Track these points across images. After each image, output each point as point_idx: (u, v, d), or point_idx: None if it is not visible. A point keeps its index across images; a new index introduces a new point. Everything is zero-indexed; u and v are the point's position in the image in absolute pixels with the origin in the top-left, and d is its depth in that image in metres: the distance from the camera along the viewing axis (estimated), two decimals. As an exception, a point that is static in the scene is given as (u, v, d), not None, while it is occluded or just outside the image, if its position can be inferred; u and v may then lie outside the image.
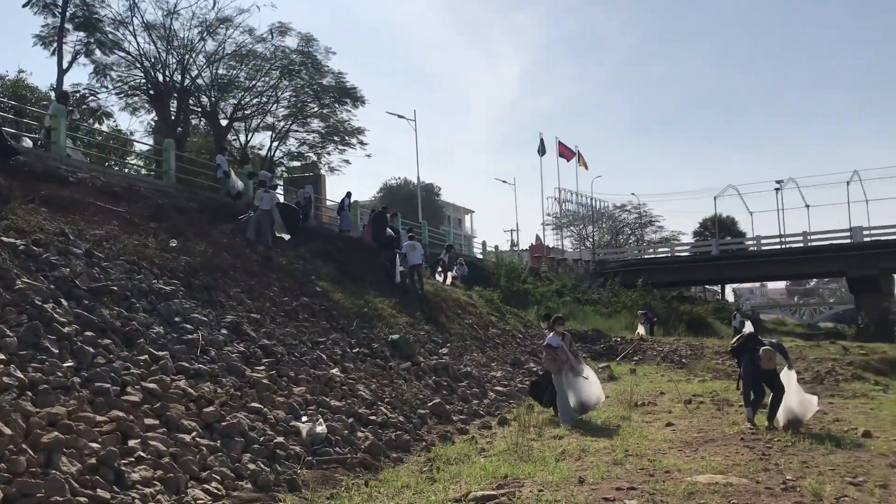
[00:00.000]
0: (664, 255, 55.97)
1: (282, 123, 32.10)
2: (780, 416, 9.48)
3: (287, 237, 15.80)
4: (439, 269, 23.18)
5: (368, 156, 71.77)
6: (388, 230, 20.34)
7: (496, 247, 44.03)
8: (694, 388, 14.30)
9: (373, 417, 9.21)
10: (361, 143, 33.56)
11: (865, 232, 45.43)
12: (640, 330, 26.85)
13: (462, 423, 10.48)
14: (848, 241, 45.28)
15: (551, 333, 10.67)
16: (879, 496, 6.04)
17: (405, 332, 13.98)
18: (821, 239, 47.23)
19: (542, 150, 54.77)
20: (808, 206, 52.93)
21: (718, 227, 61.50)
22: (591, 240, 64.29)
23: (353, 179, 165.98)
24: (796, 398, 9.46)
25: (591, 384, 10.43)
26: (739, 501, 5.92)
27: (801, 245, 47.59)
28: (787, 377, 9.59)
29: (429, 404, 10.72)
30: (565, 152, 57.09)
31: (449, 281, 22.24)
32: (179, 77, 26.02)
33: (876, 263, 42.87)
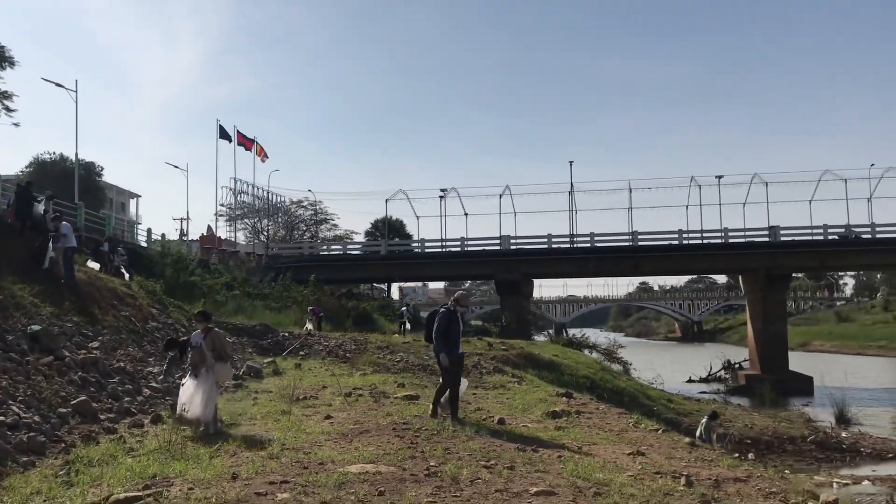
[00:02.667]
0: (337, 253, 57.43)
1: None
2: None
3: None
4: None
5: (16, 124, 63.50)
6: (39, 209, 18.15)
7: (163, 235, 41.61)
8: (355, 381, 14.82)
9: (1, 418, 8.15)
10: (8, 109, 29.77)
11: (513, 240, 50.87)
12: (309, 325, 27.19)
13: (110, 423, 9.72)
14: (497, 247, 50.35)
15: (196, 329, 9.89)
16: (507, 476, 6.78)
17: (48, 324, 12.60)
18: (475, 245, 51.93)
19: (223, 135, 53.07)
20: (466, 214, 57.73)
21: (388, 229, 64.60)
22: (265, 234, 63.67)
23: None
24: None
25: (202, 394, 8.97)
26: (386, 489, 6.25)
27: (459, 249, 51.89)
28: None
29: (72, 402, 9.77)
30: (244, 141, 55.92)
31: (101, 270, 20.44)
32: None
33: (518, 269, 48.26)
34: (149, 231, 40.21)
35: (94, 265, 20.13)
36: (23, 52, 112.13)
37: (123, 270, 22.12)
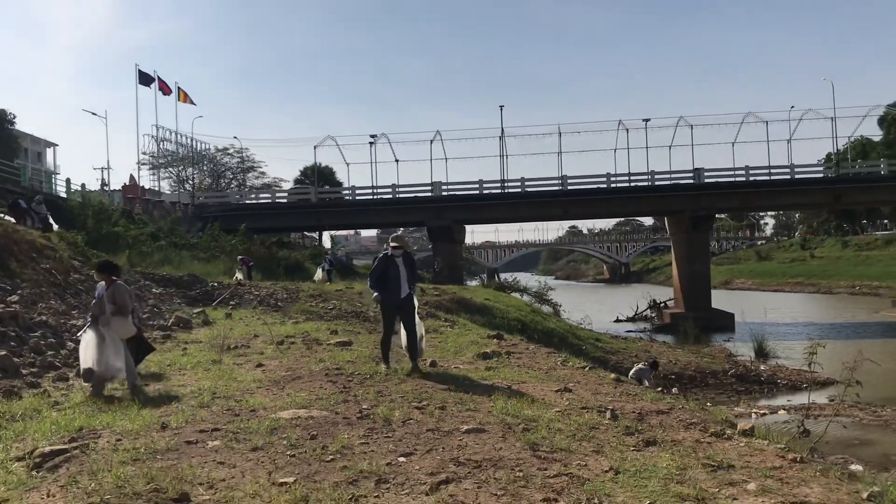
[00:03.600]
0: (266, 201, 56.54)
1: None
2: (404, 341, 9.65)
3: None
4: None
5: (-83, 69, 59.83)
6: None
7: (83, 185, 40.15)
8: (287, 329, 14.76)
9: (-85, 376, 7.86)
10: None
11: (444, 187, 50.87)
12: (239, 275, 26.82)
13: (33, 377, 9.45)
14: (429, 194, 50.31)
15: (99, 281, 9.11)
16: (438, 416, 6.91)
17: (-37, 278, 12.11)
18: (407, 192, 51.77)
19: (144, 81, 51.09)
20: (397, 160, 57.51)
21: (318, 176, 63.79)
22: (190, 182, 62.08)
23: None
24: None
25: (107, 347, 8.36)
26: (318, 432, 6.30)
27: (391, 196, 51.68)
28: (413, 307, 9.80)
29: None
30: (164, 87, 53.96)
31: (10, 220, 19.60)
32: None
33: (450, 215, 48.45)
34: (68, 181, 38.72)
35: (9, 218, 19.32)
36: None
37: (52, 221, 21.28)
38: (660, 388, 11.99)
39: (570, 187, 49.95)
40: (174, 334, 14.07)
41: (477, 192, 50.81)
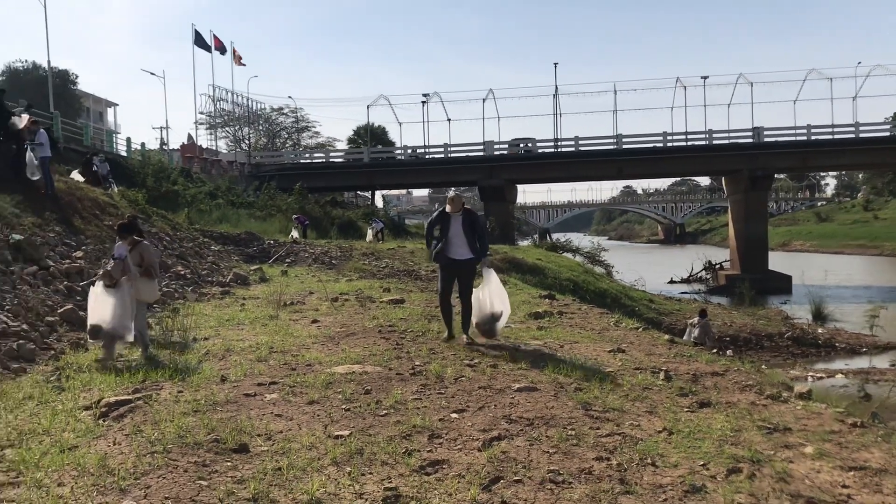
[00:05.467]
0: (320, 161, 56.97)
1: None
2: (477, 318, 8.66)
3: None
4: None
5: (-16, 31, 61.44)
6: (18, 121, 17.71)
7: (143, 144, 40.97)
8: (341, 286, 14.95)
9: (-11, 327, 8.21)
10: (-26, 14, 28.62)
11: (496, 146, 50.52)
12: (294, 233, 27.24)
13: (98, 330, 9.79)
14: (481, 153, 50.02)
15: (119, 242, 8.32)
16: (490, 374, 6.95)
17: (31, 234, 12.52)
18: (459, 151, 51.59)
19: (200, 43, 51.60)
20: (449, 119, 57.43)
21: (370, 136, 63.92)
22: (247, 142, 62.85)
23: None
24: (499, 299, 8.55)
25: (118, 306, 7.78)
26: (372, 387, 6.41)
27: (443, 156, 51.57)
28: (488, 278, 8.68)
29: (59, 311, 9.82)
30: (220, 47, 54.44)
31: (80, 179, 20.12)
32: None
33: (502, 175, 48.17)
34: (128, 140, 39.55)
35: (78, 177, 19.83)
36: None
37: (110, 181, 21.83)
38: (715, 350, 11.82)
39: (625, 146, 49.14)
40: (232, 290, 14.40)
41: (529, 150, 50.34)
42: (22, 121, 17.93)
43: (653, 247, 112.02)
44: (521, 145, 50.28)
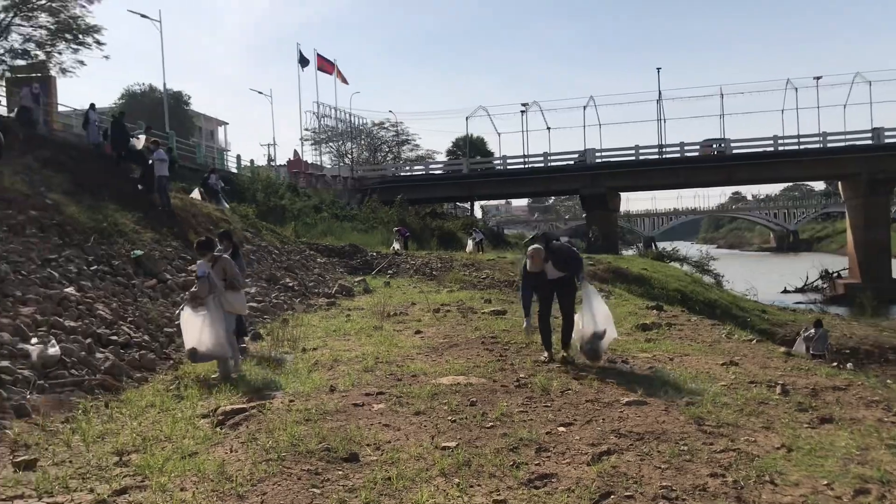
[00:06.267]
0: (419, 173, 57.67)
1: (1, 16, 28.23)
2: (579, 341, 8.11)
3: None
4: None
5: (106, 57, 65.44)
6: (136, 142, 18.80)
7: (252, 161, 42.61)
8: (442, 298, 15.05)
9: (114, 337, 8.67)
10: (98, 42, 30.58)
11: (598, 154, 49.82)
12: (396, 245, 27.63)
13: (213, 340, 10.20)
14: (582, 161, 49.42)
15: (200, 260, 8.30)
16: (597, 388, 6.81)
17: (150, 249, 13.20)
18: (559, 160, 51.14)
19: (303, 62, 53.30)
20: (549, 128, 57.16)
21: (469, 147, 64.26)
22: (349, 156, 64.36)
23: (90, 83, 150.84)
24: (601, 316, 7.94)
25: (213, 327, 7.71)
26: (478, 398, 6.40)
27: (542, 165, 51.25)
28: (587, 294, 8.06)
29: (176, 322, 10.29)
30: (324, 65, 56.02)
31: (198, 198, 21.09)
32: None
33: (604, 183, 47.42)
34: (238, 157, 41.27)
35: (198, 195, 20.82)
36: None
37: (223, 198, 22.78)
38: (835, 364, 11.21)
39: (733, 151, 47.49)
40: (338, 301, 14.74)
41: (633, 157, 49.38)
42: (140, 141, 18.98)
43: (764, 255, 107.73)
44: (714, 145, 48.87)
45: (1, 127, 14.48)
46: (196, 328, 7.68)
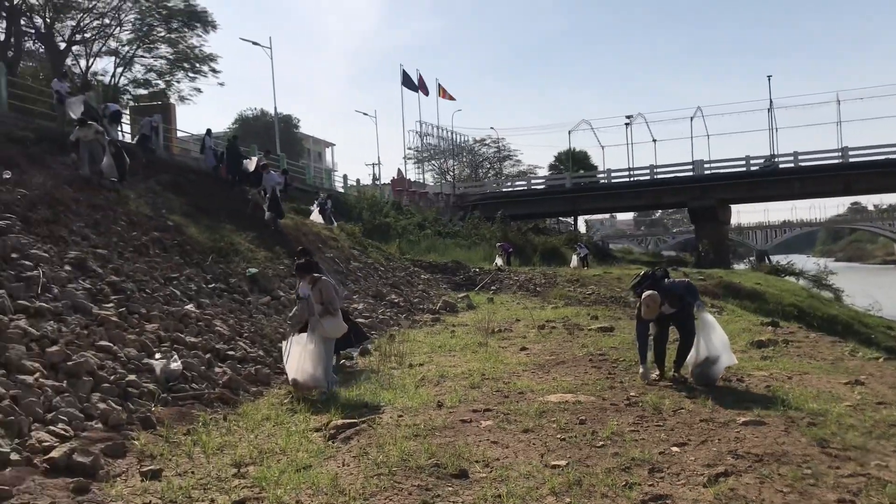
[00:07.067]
0: (521, 189, 57.51)
1: (126, 48, 30.14)
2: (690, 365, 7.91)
3: (114, 179, 14.13)
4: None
5: (221, 84, 69.17)
6: (249, 165, 19.64)
7: (357, 180, 43.69)
8: (547, 314, 14.93)
9: (231, 353, 9.05)
10: (214, 70, 32.26)
11: (706, 165, 48.38)
12: (498, 261, 27.64)
13: (324, 356, 10.47)
14: (690, 173, 48.08)
15: (301, 281, 8.32)
16: (711, 407, 6.58)
17: (264, 267, 13.72)
18: (666, 172, 49.93)
19: (407, 83, 54.33)
20: (654, 140, 55.78)
21: (572, 161, 63.65)
22: (451, 174, 64.98)
23: (206, 109, 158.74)
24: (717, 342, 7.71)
25: (313, 356, 7.72)
26: (587, 417, 6.30)
27: (648, 178, 50.16)
28: (703, 321, 7.89)
29: (279, 345, 10.63)
30: (423, 89, 56.91)
31: (319, 220, 21.81)
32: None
33: (714, 195, 45.95)
34: (345, 177, 42.39)
35: (317, 217, 21.60)
36: (221, 15, 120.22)
37: (332, 217, 23.46)
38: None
39: (851, 160, 45.13)
40: (442, 317, 14.86)
41: (743, 168, 47.66)
42: (252, 163, 19.81)
43: (888, 268, 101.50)
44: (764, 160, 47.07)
45: (127, 152, 15.38)
46: (295, 359, 7.76)
